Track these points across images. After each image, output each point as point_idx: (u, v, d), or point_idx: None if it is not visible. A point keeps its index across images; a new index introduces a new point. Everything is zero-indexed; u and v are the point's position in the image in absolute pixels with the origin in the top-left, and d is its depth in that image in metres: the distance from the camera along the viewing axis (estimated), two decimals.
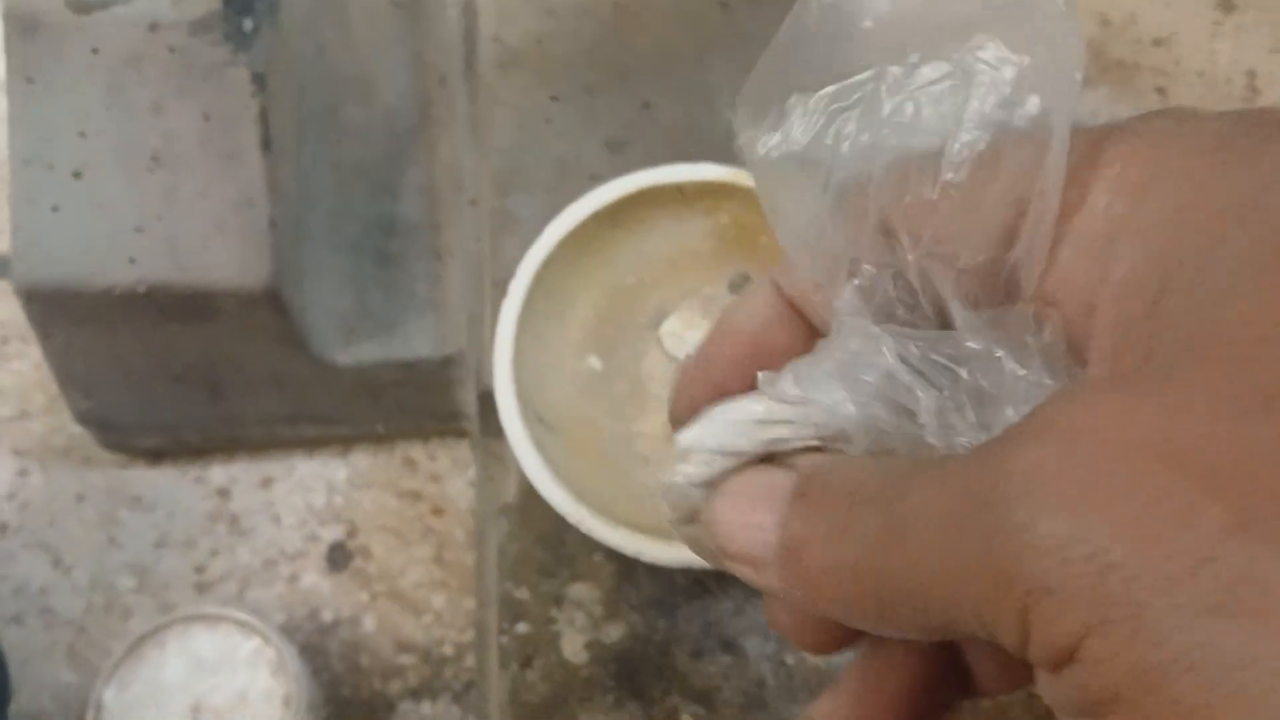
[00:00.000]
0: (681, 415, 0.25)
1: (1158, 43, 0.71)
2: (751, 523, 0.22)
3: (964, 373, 0.22)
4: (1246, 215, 0.19)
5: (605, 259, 0.48)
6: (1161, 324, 0.19)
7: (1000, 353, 0.22)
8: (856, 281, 0.23)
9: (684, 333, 0.48)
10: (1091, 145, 0.21)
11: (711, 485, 0.24)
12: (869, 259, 0.23)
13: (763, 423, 0.23)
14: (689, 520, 0.24)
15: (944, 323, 0.23)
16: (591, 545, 0.46)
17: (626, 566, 0.47)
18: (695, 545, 0.25)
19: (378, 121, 0.56)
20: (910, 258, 0.22)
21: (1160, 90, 0.69)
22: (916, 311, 0.23)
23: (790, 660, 0.46)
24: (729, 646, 0.46)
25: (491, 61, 0.51)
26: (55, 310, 0.51)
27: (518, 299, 0.46)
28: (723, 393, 0.24)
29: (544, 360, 0.47)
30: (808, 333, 0.24)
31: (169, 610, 0.57)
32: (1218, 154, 0.20)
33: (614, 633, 0.47)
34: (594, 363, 0.49)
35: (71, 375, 0.54)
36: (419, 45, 0.55)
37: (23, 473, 0.60)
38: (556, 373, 0.47)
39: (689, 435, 0.24)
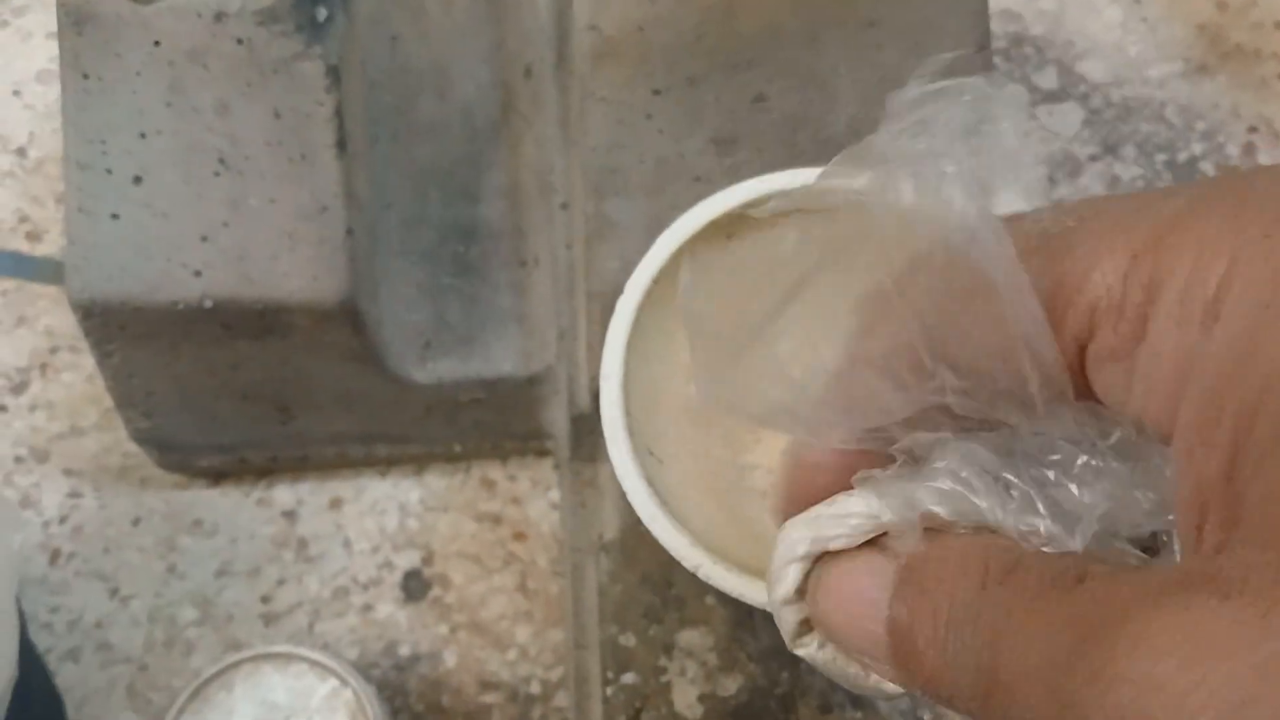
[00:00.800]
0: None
1: None
2: (857, 623, 0.22)
3: (1037, 470, 0.21)
4: None
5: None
6: (1241, 499, 0.17)
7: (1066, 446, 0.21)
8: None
9: (803, 353, 0.44)
10: (1139, 255, 0.19)
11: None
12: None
13: (862, 516, 0.23)
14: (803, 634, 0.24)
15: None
16: (703, 587, 0.42)
17: (742, 611, 0.43)
18: (812, 659, 0.25)
19: (455, 118, 0.52)
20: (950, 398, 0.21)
21: None
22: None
23: (926, 717, 0.42)
24: (859, 701, 0.42)
25: (586, 52, 0.46)
26: (114, 326, 0.47)
27: (626, 318, 0.41)
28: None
29: (652, 385, 0.42)
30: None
31: (233, 645, 0.53)
32: None
33: (730, 685, 0.43)
34: None
35: (130, 395, 0.50)
36: (500, 34, 0.51)
37: (75, 494, 0.56)
38: (665, 399, 0.43)
39: (788, 539, 0.24)
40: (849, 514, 0.23)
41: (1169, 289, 0.18)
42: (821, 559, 0.23)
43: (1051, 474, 0.21)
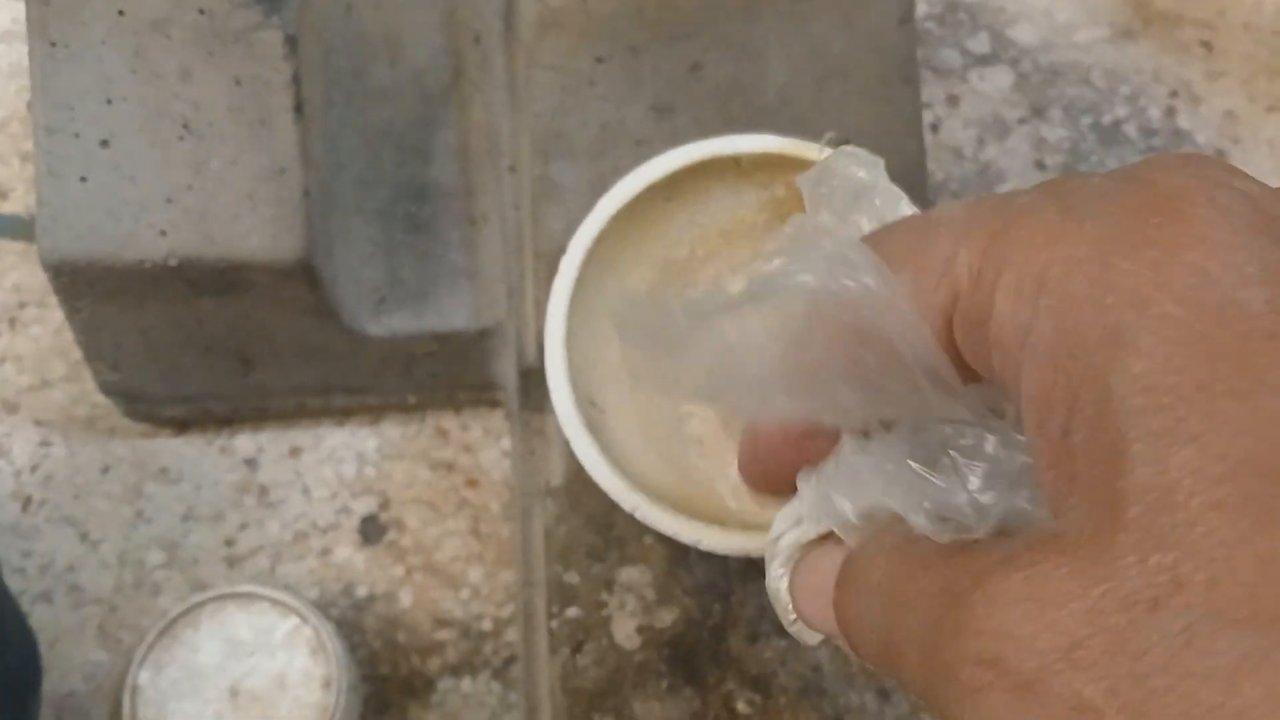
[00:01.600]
0: (754, 482, 0.28)
1: None
2: (818, 613, 0.26)
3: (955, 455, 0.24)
4: (1128, 330, 0.20)
5: (657, 232, 0.46)
6: (1074, 458, 0.20)
7: (976, 432, 0.24)
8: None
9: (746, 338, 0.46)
10: (992, 238, 0.22)
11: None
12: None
13: (798, 523, 0.27)
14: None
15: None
16: (642, 528, 0.45)
17: (678, 550, 0.46)
18: (801, 638, 0.28)
19: (407, 82, 0.54)
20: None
21: (1205, 44, 0.67)
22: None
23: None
24: (785, 631, 0.45)
25: (532, 21, 0.49)
26: (83, 284, 0.49)
27: (569, 277, 0.44)
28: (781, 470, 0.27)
29: (594, 339, 0.45)
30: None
31: (199, 586, 0.56)
32: (1103, 258, 0.20)
33: (667, 617, 0.46)
34: None
35: (98, 348, 0.52)
36: (451, 3, 0.53)
37: (45, 444, 0.58)
38: (607, 352, 0.46)
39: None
40: (778, 535, 0.27)
41: (1009, 269, 0.21)
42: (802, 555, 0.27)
43: (956, 458, 0.24)
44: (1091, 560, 0.19)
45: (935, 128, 0.65)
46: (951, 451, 0.24)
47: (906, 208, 0.27)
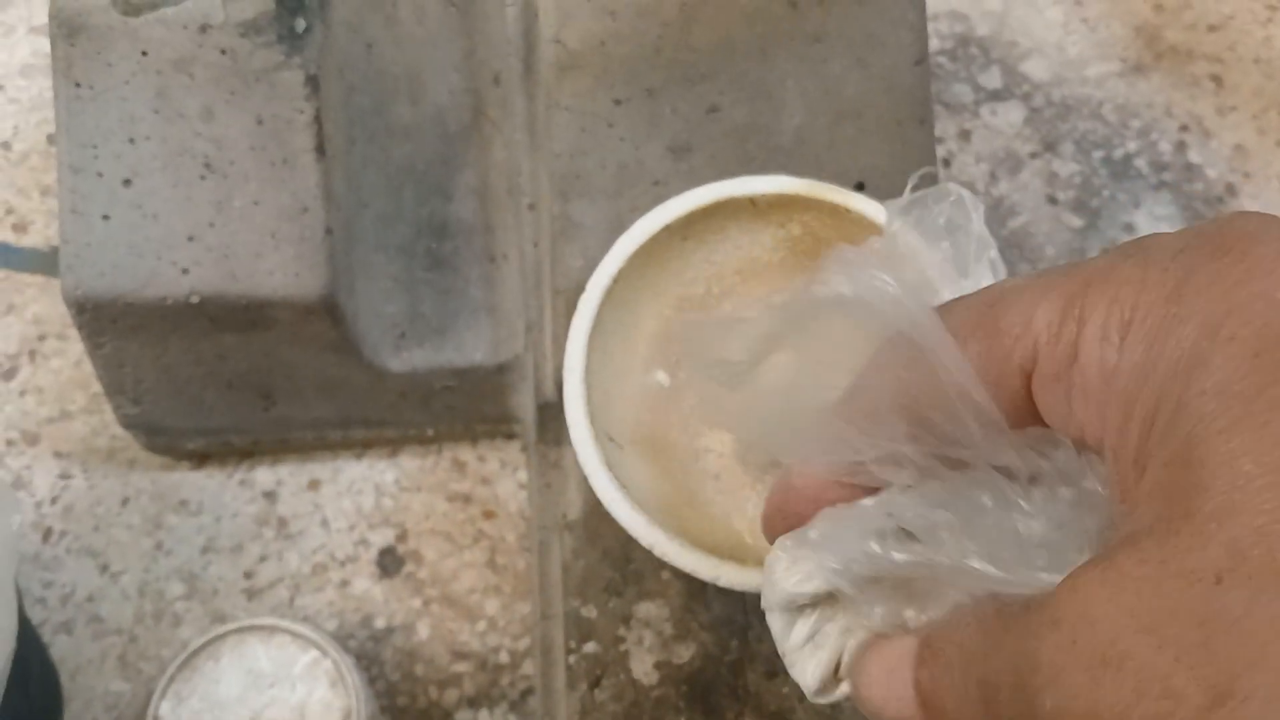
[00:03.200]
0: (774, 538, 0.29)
1: (1212, 28, 0.70)
2: (890, 695, 0.26)
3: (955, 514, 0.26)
4: (1186, 378, 0.22)
5: (674, 270, 0.47)
6: (1149, 464, 0.22)
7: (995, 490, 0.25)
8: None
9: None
10: (1071, 298, 0.24)
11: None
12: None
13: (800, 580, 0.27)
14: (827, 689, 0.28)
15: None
16: (659, 562, 0.45)
17: (695, 585, 0.46)
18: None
19: (428, 121, 0.55)
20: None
21: (1215, 79, 0.68)
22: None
23: None
24: None
25: (552, 64, 0.49)
26: (106, 320, 0.50)
27: (588, 315, 0.45)
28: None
29: (612, 375, 0.46)
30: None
31: (219, 618, 0.56)
32: (1180, 296, 0.22)
33: (684, 652, 0.46)
34: (661, 377, 0.48)
35: (119, 383, 0.53)
36: (470, 43, 0.54)
37: (65, 475, 0.59)
38: (624, 388, 0.46)
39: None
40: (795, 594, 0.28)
41: (1093, 320, 0.23)
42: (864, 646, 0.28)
43: (991, 504, 0.25)
44: (1161, 545, 0.21)
45: (948, 162, 0.65)
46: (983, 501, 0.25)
47: (995, 256, 0.28)
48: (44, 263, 0.64)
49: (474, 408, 0.56)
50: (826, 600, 0.28)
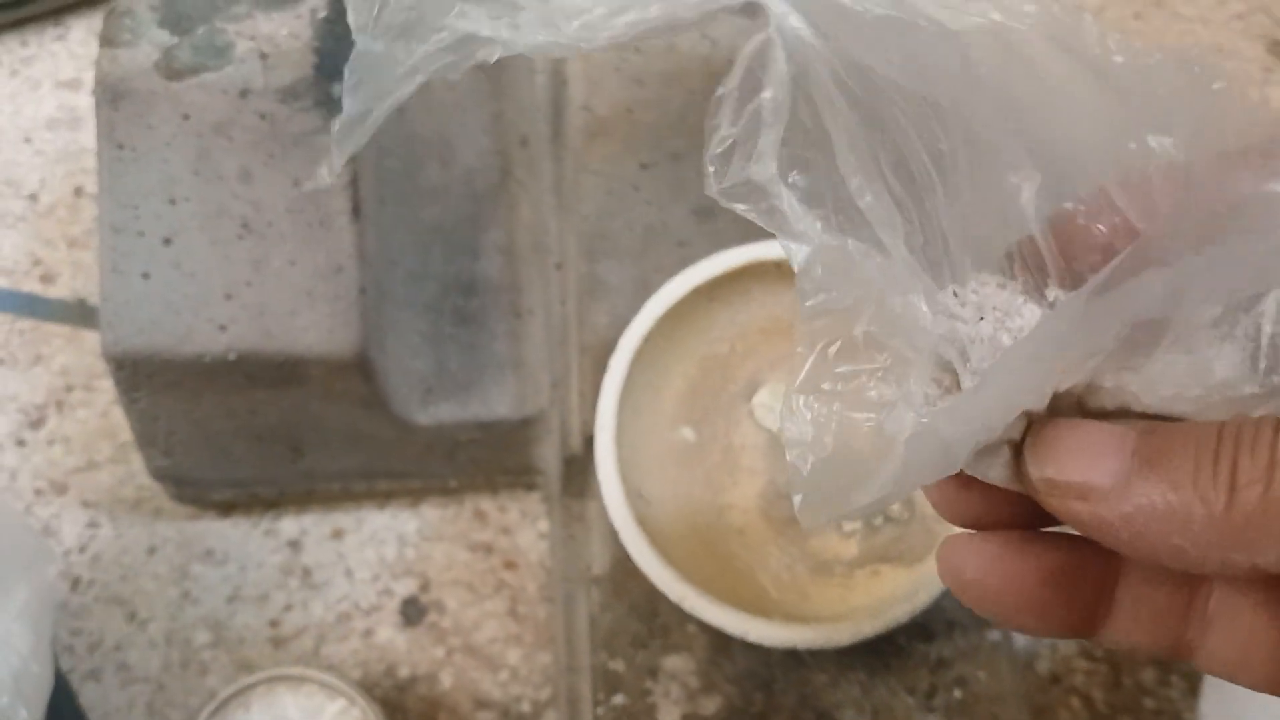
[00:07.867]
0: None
1: None
2: (1098, 459, 0.24)
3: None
4: None
5: (700, 329, 0.48)
6: None
7: None
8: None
9: (775, 405, 0.48)
10: None
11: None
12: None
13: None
14: (993, 454, 0.25)
15: None
16: (684, 615, 0.47)
17: (720, 638, 0.48)
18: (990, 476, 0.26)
19: (456, 182, 0.56)
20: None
21: None
22: None
23: None
24: (825, 719, 0.47)
25: (580, 129, 0.51)
26: (142, 376, 0.51)
27: (619, 375, 0.46)
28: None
29: (640, 432, 0.47)
30: None
31: (245, 666, 0.57)
32: None
33: (710, 705, 0.47)
34: (687, 434, 0.49)
35: (152, 435, 0.54)
36: (499, 107, 0.55)
37: (93, 525, 0.60)
38: (651, 445, 0.48)
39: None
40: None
41: None
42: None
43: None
44: None
45: None
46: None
47: None
48: (71, 314, 0.65)
49: (497, 460, 0.57)
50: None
